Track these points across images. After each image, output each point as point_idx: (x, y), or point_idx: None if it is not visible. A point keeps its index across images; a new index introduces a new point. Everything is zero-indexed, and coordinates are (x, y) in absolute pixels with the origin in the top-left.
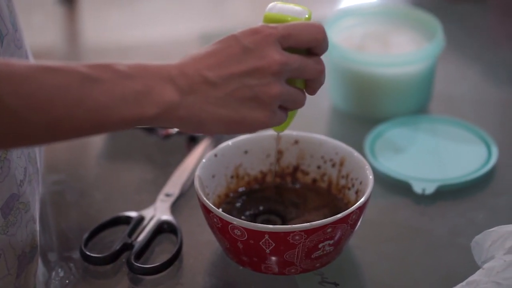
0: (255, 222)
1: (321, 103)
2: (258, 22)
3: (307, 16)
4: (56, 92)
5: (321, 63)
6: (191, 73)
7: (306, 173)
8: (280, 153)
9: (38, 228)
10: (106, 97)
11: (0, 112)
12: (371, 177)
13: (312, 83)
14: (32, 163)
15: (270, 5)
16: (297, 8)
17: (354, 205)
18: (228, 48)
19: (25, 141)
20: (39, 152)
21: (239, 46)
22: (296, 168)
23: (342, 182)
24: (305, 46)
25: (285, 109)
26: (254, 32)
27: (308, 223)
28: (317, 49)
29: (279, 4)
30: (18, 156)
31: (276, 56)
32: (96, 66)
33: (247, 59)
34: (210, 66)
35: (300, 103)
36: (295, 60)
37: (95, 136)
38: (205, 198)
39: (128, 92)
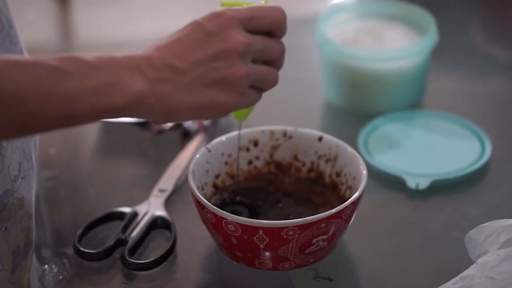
0: (247, 216)
1: (314, 98)
2: None
3: (263, 2)
4: (26, 86)
5: (282, 44)
6: (157, 63)
7: (299, 168)
8: (274, 148)
9: (33, 224)
10: (75, 89)
11: None
12: (364, 172)
13: (273, 65)
14: (27, 159)
15: None
16: None
17: (348, 200)
18: (191, 34)
19: None
20: (34, 148)
21: (203, 31)
22: (289, 163)
23: (336, 177)
24: (267, 29)
25: (259, 89)
26: (216, 16)
27: (302, 218)
28: (278, 31)
29: None
30: (13, 152)
31: (240, 37)
32: (64, 58)
33: (211, 43)
34: (175, 53)
35: (273, 81)
36: (259, 41)
37: (89, 131)
38: (199, 194)
39: (97, 83)
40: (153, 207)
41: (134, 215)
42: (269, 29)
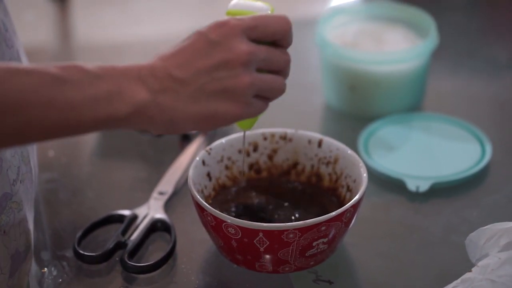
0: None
1: (314, 101)
2: None
3: (269, 12)
4: (28, 94)
5: (287, 54)
6: (159, 73)
7: (299, 171)
8: (274, 151)
9: (32, 228)
10: (77, 98)
11: None
12: (365, 175)
13: (279, 74)
14: (25, 162)
15: (233, 2)
16: (259, 4)
17: (348, 203)
18: (194, 44)
19: None
20: (32, 152)
21: (206, 40)
22: (289, 166)
23: (336, 180)
24: (271, 38)
25: (265, 98)
26: (220, 25)
27: (302, 221)
28: (283, 41)
29: (242, 1)
30: (12, 155)
31: (243, 47)
32: (66, 67)
33: (214, 52)
34: (177, 64)
35: (279, 90)
36: (263, 50)
37: (85, 135)
38: (198, 196)
39: (99, 92)
40: (152, 210)
41: (134, 218)
42: (274, 38)
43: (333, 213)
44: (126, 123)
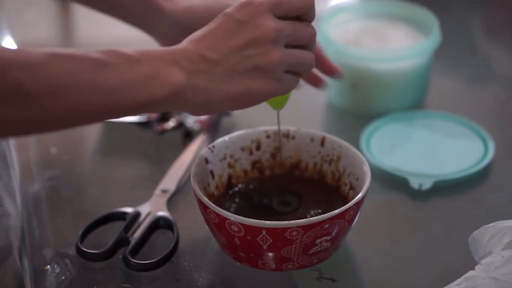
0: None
1: (316, 99)
2: None
3: None
4: (71, 78)
5: (312, 27)
6: (192, 55)
7: (302, 169)
8: (277, 148)
9: (15, 223)
10: (117, 81)
11: (21, 99)
12: (368, 172)
13: (305, 49)
14: (1, 158)
15: None
16: None
17: (352, 201)
18: (223, 25)
19: (43, 127)
20: (8, 148)
21: (233, 20)
22: (292, 164)
23: (339, 178)
24: (296, 13)
25: (295, 74)
26: (245, 4)
27: (306, 219)
28: (307, 16)
29: None
30: None
31: (271, 24)
32: (106, 51)
33: (242, 31)
34: (208, 45)
35: (309, 64)
36: (289, 26)
37: (91, 131)
38: (202, 194)
39: (138, 76)
40: (155, 208)
41: (136, 215)
42: (298, 13)
43: (336, 211)
44: (164, 105)
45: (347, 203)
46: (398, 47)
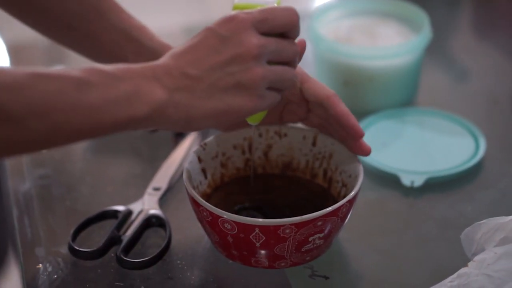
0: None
1: None
2: None
3: (275, 4)
4: (53, 98)
5: (295, 44)
6: (173, 71)
7: (295, 167)
8: (269, 146)
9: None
10: (99, 100)
11: (4, 121)
12: (360, 170)
13: (288, 66)
14: None
15: None
16: None
17: (344, 198)
18: (205, 40)
19: (25, 148)
20: None
21: (216, 36)
22: (285, 161)
23: (331, 175)
24: (280, 30)
25: (277, 90)
26: (229, 20)
27: (298, 217)
28: (292, 33)
29: None
30: None
31: (254, 40)
32: (85, 70)
33: (225, 48)
34: (190, 61)
35: (292, 81)
36: (272, 42)
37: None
38: (194, 192)
39: (119, 93)
40: (147, 206)
41: (128, 213)
42: (283, 30)
43: (329, 209)
44: (145, 123)
45: (339, 201)
46: (389, 45)
